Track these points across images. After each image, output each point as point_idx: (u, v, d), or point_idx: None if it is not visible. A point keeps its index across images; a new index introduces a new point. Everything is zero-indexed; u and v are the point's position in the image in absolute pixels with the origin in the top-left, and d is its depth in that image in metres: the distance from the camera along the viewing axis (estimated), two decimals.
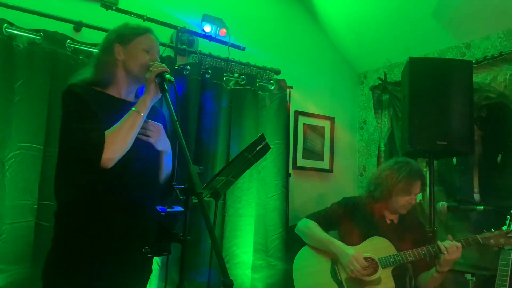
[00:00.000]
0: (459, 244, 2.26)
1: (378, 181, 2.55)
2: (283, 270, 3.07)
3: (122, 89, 1.72)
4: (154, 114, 1.75)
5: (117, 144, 1.51)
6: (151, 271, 1.81)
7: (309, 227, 2.58)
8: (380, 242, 2.45)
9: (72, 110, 1.58)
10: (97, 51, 2.54)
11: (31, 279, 2.22)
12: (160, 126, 1.70)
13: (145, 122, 1.63)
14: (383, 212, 2.57)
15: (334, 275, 2.45)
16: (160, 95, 1.62)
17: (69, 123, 1.58)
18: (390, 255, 2.38)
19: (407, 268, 2.53)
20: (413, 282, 2.52)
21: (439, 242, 2.32)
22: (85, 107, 1.57)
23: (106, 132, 1.52)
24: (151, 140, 1.66)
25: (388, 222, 2.58)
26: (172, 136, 2.10)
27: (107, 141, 1.49)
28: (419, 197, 2.80)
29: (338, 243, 2.46)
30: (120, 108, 1.63)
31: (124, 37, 1.72)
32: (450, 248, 2.25)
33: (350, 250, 2.40)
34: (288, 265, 2.79)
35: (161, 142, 1.70)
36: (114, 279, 1.59)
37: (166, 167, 1.75)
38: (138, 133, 1.61)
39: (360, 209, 2.60)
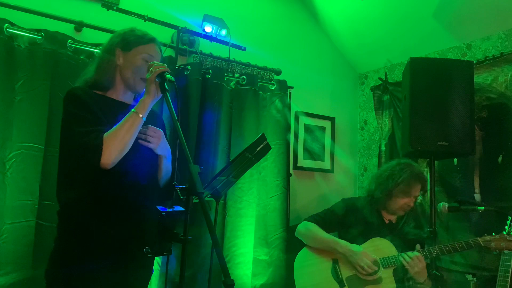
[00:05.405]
0: (420, 256, 2.31)
1: (379, 181, 2.58)
2: (284, 270, 3.07)
3: (119, 93, 1.74)
4: (152, 118, 1.76)
5: (115, 145, 1.52)
6: (152, 271, 1.82)
7: (310, 230, 2.59)
8: (381, 243, 2.47)
9: (72, 113, 1.59)
10: (98, 51, 2.57)
11: (32, 279, 2.21)
12: (161, 131, 1.71)
13: (146, 127, 1.65)
14: (381, 212, 2.59)
15: (335, 274, 2.46)
16: (160, 95, 1.61)
17: (69, 126, 1.59)
18: (391, 256, 2.40)
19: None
20: (411, 282, 2.54)
21: (402, 256, 2.37)
22: (85, 109, 1.58)
23: (105, 134, 1.52)
24: (151, 145, 1.67)
25: (387, 222, 2.59)
26: (173, 136, 2.09)
27: (105, 143, 1.50)
28: (419, 198, 2.80)
29: (344, 242, 2.48)
30: (119, 110, 1.65)
31: (126, 42, 1.73)
32: (411, 262, 2.31)
33: (357, 247, 2.43)
34: (289, 265, 2.79)
35: (161, 147, 1.71)
36: (115, 278, 1.60)
37: (166, 170, 1.77)
38: (139, 139, 1.62)
39: (359, 209, 2.62)
